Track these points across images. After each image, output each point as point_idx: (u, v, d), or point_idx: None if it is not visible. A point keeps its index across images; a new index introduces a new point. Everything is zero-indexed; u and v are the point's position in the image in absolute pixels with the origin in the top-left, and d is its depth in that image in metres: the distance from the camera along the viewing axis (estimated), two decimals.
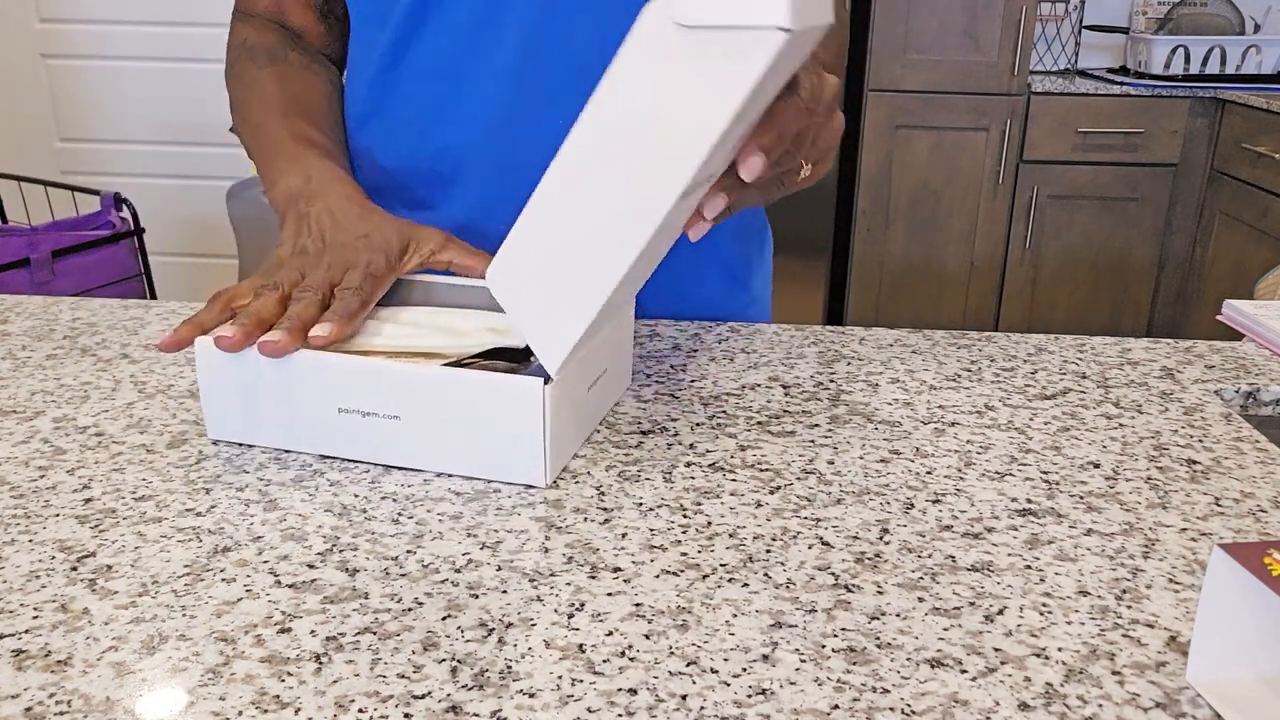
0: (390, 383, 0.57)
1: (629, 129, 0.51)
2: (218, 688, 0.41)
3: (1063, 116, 2.87)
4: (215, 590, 0.48)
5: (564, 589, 0.48)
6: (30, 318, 0.83)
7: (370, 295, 0.62)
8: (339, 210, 0.68)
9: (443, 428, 0.57)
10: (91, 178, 3.06)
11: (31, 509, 0.54)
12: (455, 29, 0.77)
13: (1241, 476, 0.60)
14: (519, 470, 0.57)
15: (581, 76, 0.78)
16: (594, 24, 0.76)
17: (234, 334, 0.58)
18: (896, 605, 0.47)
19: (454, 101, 0.79)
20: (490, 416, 0.56)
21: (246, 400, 0.60)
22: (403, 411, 0.57)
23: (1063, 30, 3.23)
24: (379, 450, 0.59)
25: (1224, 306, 0.88)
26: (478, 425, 0.56)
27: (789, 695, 0.41)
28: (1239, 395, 0.75)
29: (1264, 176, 2.63)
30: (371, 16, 0.80)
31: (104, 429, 0.64)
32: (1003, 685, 0.42)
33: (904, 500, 0.57)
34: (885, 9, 2.80)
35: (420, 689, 0.41)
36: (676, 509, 0.55)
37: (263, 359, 0.58)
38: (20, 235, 2.25)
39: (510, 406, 0.55)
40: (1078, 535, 0.54)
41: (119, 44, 3.02)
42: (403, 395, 0.57)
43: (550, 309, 0.56)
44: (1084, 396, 0.72)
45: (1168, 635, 0.46)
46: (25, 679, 0.41)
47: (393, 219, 0.68)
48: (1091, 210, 2.95)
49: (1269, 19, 3.17)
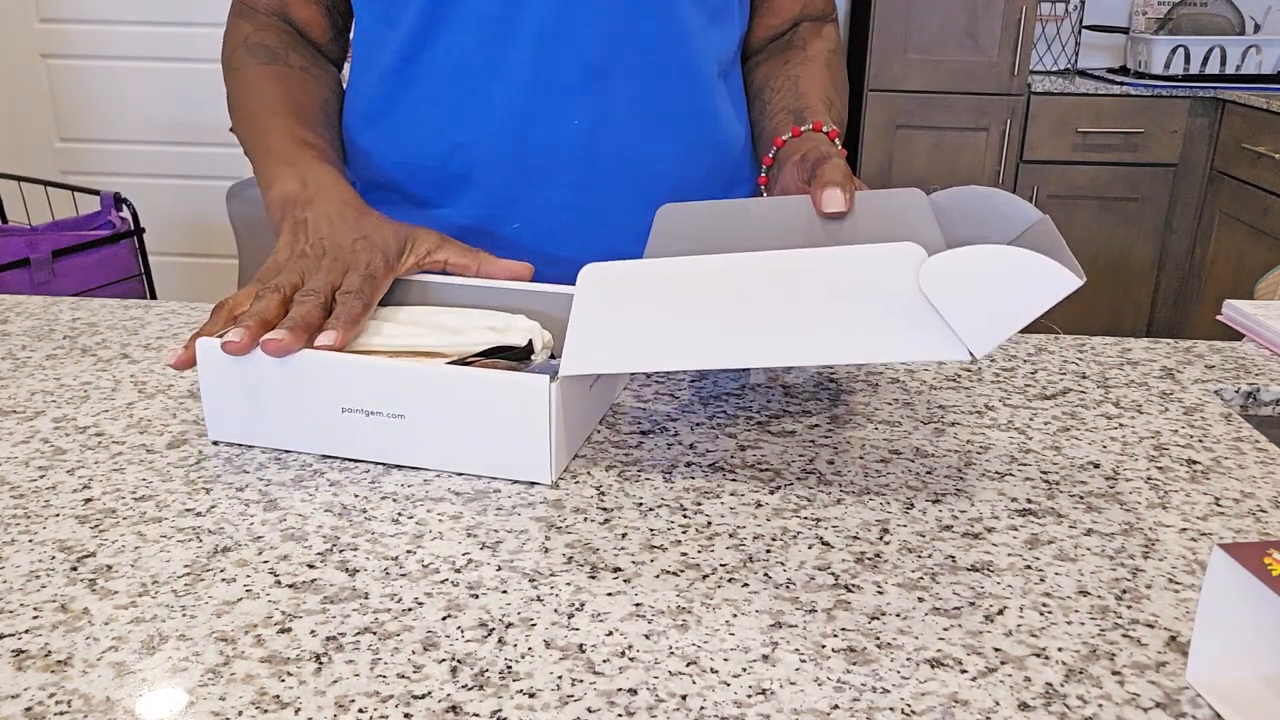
0: (395, 382, 0.57)
1: (831, 299, 0.54)
2: (218, 688, 0.41)
3: (1063, 116, 2.87)
4: (215, 590, 0.48)
5: (564, 589, 0.48)
6: (30, 318, 0.83)
7: (371, 298, 0.63)
8: (335, 214, 0.68)
9: (447, 426, 0.57)
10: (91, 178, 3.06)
11: (31, 509, 0.54)
12: (469, 30, 0.77)
13: (1241, 476, 0.60)
14: (524, 468, 0.57)
15: (594, 78, 0.78)
16: (608, 26, 0.76)
17: (240, 338, 0.58)
18: (896, 605, 0.47)
19: (467, 102, 0.79)
20: (496, 414, 0.56)
21: (248, 401, 0.60)
22: (407, 410, 0.57)
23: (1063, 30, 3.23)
24: (382, 449, 0.59)
25: (1224, 306, 0.88)
26: (483, 423, 0.57)
27: (789, 695, 0.41)
28: (1239, 395, 0.75)
29: (1264, 176, 2.63)
30: (382, 15, 0.80)
31: (104, 429, 0.64)
32: (1003, 685, 0.42)
33: (904, 500, 0.57)
34: (885, 9, 2.80)
35: (420, 689, 0.41)
36: (676, 509, 0.55)
37: (265, 360, 0.58)
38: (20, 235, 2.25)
39: (517, 404, 0.56)
40: (1078, 535, 0.54)
41: (119, 44, 3.02)
42: (407, 394, 0.57)
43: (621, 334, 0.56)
44: (1084, 396, 0.72)
45: (1168, 635, 0.46)
46: (25, 679, 0.41)
47: (389, 221, 0.68)
48: (1091, 210, 2.95)
49: (1269, 19, 3.17)
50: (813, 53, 0.87)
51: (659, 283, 0.56)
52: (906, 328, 0.53)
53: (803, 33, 0.89)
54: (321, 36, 0.86)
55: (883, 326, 0.53)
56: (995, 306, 0.52)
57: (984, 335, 0.52)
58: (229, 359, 0.59)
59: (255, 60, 0.82)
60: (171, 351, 0.58)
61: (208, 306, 0.86)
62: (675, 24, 0.78)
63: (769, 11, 0.89)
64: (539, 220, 0.82)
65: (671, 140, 0.81)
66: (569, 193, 0.81)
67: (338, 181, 0.72)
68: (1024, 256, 0.51)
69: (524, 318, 0.64)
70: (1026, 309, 0.52)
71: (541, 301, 0.66)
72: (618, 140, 0.80)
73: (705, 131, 0.83)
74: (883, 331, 0.53)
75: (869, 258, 0.54)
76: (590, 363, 0.57)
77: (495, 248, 0.82)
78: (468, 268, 0.68)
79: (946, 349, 0.53)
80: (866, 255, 0.54)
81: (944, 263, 0.52)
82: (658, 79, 0.79)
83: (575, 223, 0.82)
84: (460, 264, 0.68)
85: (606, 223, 0.82)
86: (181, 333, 0.80)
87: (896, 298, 0.53)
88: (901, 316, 0.53)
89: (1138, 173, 2.91)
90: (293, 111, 0.78)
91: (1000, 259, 0.51)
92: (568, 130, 0.79)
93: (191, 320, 0.83)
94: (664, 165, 0.82)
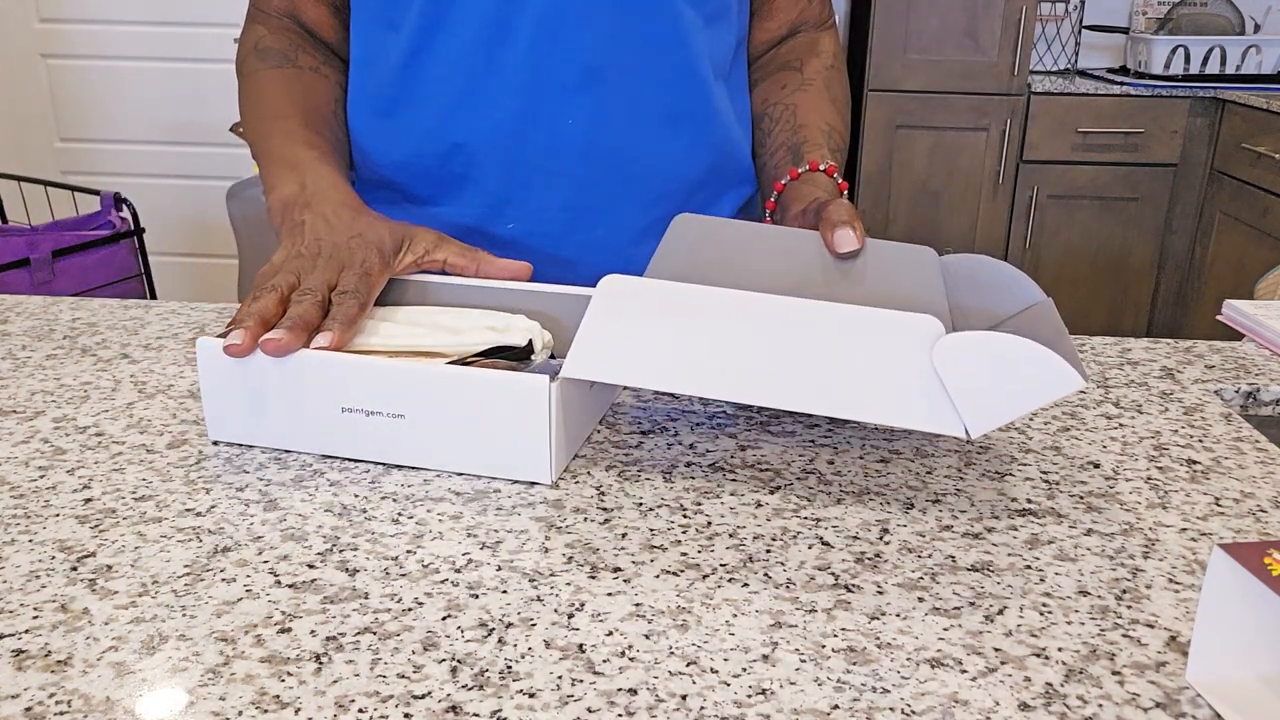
0: (395, 381, 0.57)
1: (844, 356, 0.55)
2: (218, 688, 0.41)
3: (1063, 116, 2.87)
4: (215, 590, 0.48)
5: (564, 589, 0.48)
6: (30, 318, 0.83)
7: (367, 297, 0.63)
8: (332, 215, 0.68)
9: (448, 426, 0.57)
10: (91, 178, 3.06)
11: (31, 509, 0.54)
12: (467, 31, 0.77)
13: (1241, 476, 0.60)
14: (525, 468, 0.57)
15: (591, 79, 0.78)
16: (605, 27, 0.77)
17: (240, 339, 0.58)
18: (896, 605, 0.47)
19: (466, 102, 0.79)
20: (496, 414, 0.56)
21: (248, 401, 0.60)
22: (407, 410, 0.57)
23: (1063, 30, 3.23)
24: (382, 449, 0.59)
25: (1224, 306, 0.88)
26: (484, 423, 0.57)
27: (789, 695, 0.41)
28: (1239, 395, 0.75)
29: (1264, 176, 2.63)
30: (381, 17, 0.80)
31: (104, 429, 0.64)
32: (1003, 685, 0.42)
33: (904, 500, 0.57)
34: (885, 9, 2.80)
35: (420, 689, 0.41)
36: (676, 509, 0.55)
37: (265, 360, 0.58)
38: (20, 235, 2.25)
39: (518, 404, 0.56)
40: (1078, 535, 0.54)
41: (119, 44, 3.02)
42: (408, 394, 0.57)
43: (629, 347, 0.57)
44: (1084, 396, 0.72)
45: (1168, 635, 0.46)
46: (25, 679, 0.41)
47: (386, 219, 0.69)
48: (1091, 210, 2.95)
49: (1269, 19, 3.17)
50: (809, 74, 0.87)
51: (676, 305, 0.57)
52: (912, 396, 0.54)
53: (799, 49, 0.89)
54: (332, 36, 0.87)
55: (889, 391, 0.54)
56: (999, 393, 0.53)
57: (983, 418, 0.54)
58: (229, 359, 0.59)
59: (265, 64, 0.82)
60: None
61: (208, 306, 0.86)
62: (672, 25, 0.79)
63: (766, 16, 0.89)
64: (536, 220, 0.82)
65: (669, 141, 0.81)
66: (566, 193, 0.81)
67: (337, 183, 0.72)
68: (1038, 352, 0.52)
69: (524, 318, 0.64)
70: (1029, 401, 0.53)
71: (541, 301, 0.66)
72: (615, 141, 0.80)
73: (703, 132, 0.83)
74: (888, 396, 0.54)
75: (889, 323, 0.55)
76: (593, 370, 0.57)
77: (493, 247, 0.82)
78: (466, 268, 0.68)
79: (946, 423, 0.54)
80: (886, 321, 0.55)
81: (959, 343, 0.53)
82: (655, 80, 0.80)
83: (572, 223, 0.82)
84: (459, 264, 0.68)
85: (604, 223, 0.82)
86: (181, 332, 0.80)
87: (907, 366, 0.54)
88: (909, 385, 0.54)
89: (1138, 173, 2.91)
90: (299, 114, 0.79)
91: (1014, 350, 0.53)
92: (565, 130, 0.79)
93: (191, 320, 0.83)
94: (661, 166, 0.82)
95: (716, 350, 0.56)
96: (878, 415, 0.54)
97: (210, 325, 0.82)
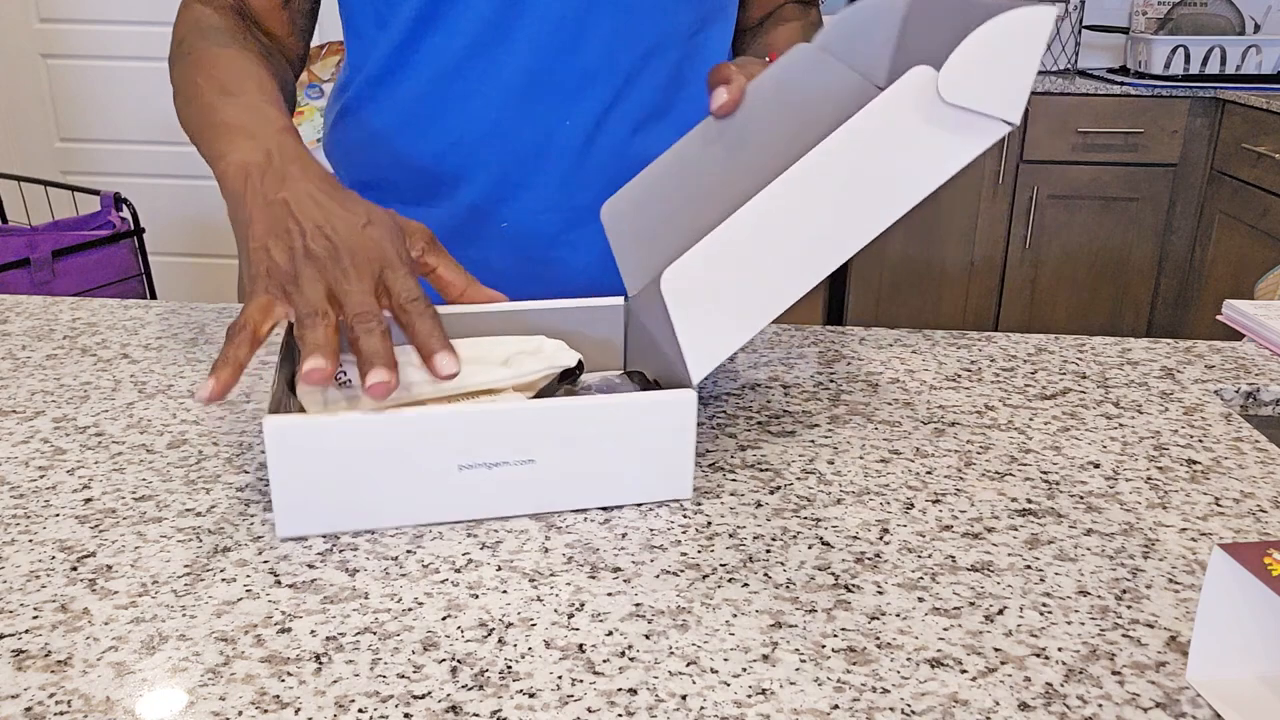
0: (524, 426, 0.52)
1: (862, 167, 0.55)
2: (218, 688, 0.41)
3: (1063, 116, 2.87)
4: (215, 590, 0.48)
5: (564, 589, 0.48)
6: (30, 318, 0.83)
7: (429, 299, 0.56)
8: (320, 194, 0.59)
9: (584, 462, 0.54)
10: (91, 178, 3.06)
11: (31, 509, 0.54)
12: (465, 32, 0.77)
13: (1241, 476, 0.60)
14: (668, 487, 0.56)
15: (588, 81, 0.78)
16: (606, 30, 0.76)
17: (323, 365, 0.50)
18: (896, 605, 0.47)
19: (461, 102, 0.79)
20: (642, 438, 0.54)
21: (335, 481, 0.52)
22: (537, 454, 0.53)
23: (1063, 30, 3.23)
24: (509, 503, 0.54)
25: (1224, 306, 0.88)
26: (625, 450, 0.54)
27: (789, 695, 0.41)
28: (1239, 395, 0.75)
29: (1264, 176, 2.63)
30: (374, 15, 0.80)
31: (104, 429, 0.64)
32: (1003, 685, 0.42)
33: (904, 500, 0.57)
34: None
35: (420, 689, 0.41)
36: (676, 509, 0.55)
37: (347, 435, 0.51)
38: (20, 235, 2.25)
39: (664, 423, 0.54)
40: (1078, 535, 0.54)
41: (119, 44, 3.02)
42: (537, 436, 0.53)
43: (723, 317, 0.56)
44: (1084, 396, 0.72)
45: (1168, 635, 0.46)
46: (25, 679, 0.41)
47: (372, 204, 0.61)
48: (1091, 210, 2.95)
49: (1269, 19, 3.17)
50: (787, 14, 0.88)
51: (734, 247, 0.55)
52: (949, 138, 0.55)
53: (785, 12, 0.90)
54: (279, 29, 0.81)
55: (927, 150, 0.55)
56: (1007, 72, 0.54)
57: (1011, 99, 0.55)
58: (304, 437, 0.50)
59: (210, 43, 0.74)
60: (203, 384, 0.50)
61: (208, 306, 0.86)
62: (671, 28, 0.79)
63: (753, 5, 0.89)
64: (528, 220, 0.82)
65: (664, 141, 0.81)
66: (559, 193, 0.81)
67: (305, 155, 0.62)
68: (1002, 21, 0.54)
69: (543, 336, 0.61)
70: (1029, 59, 0.55)
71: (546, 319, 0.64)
72: (610, 141, 0.80)
73: None
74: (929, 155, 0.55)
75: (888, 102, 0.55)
76: (717, 354, 0.55)
77: (485, 247, 0.82)
78: (454, 285, 0.61)
79: (989, 135, 0.55)
80: (885, 101, 0.55)
81: (956, 63, 0.54)
82: (652, 81, 0.80)
83: (565, 223, 0.82)
84: (449, 278, 0.61)
85: (596, 222, 0.82)
86: (181, 332, 0.80)
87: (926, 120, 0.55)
88: (941, 133, 0.55)
89: (1138, 173, 2.91)
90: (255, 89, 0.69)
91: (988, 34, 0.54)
92: (560, 131, 0.79)
93: (191, 320, 0.83)
94: None
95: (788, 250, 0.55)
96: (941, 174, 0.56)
97: (210, 325, 0.82)
